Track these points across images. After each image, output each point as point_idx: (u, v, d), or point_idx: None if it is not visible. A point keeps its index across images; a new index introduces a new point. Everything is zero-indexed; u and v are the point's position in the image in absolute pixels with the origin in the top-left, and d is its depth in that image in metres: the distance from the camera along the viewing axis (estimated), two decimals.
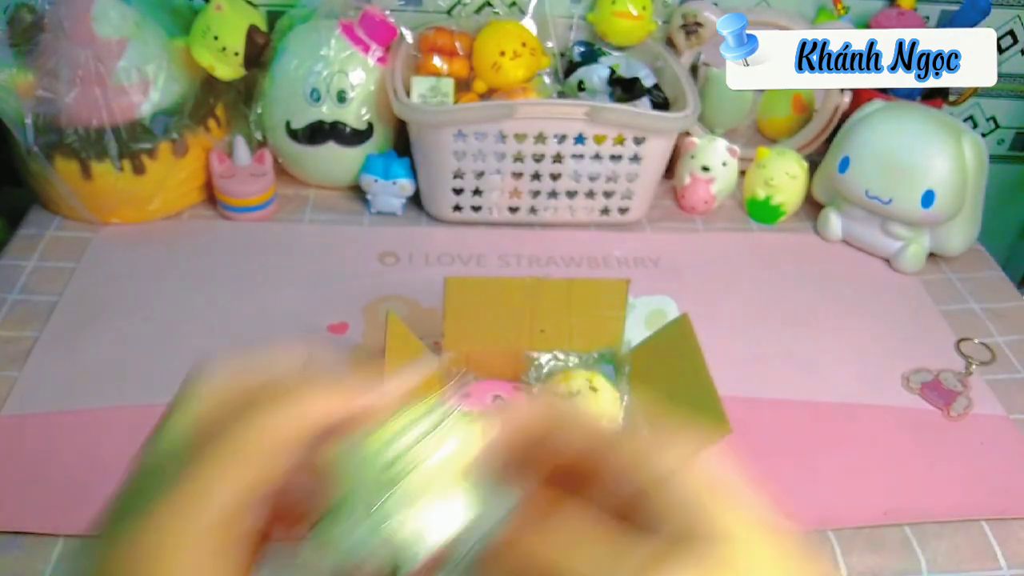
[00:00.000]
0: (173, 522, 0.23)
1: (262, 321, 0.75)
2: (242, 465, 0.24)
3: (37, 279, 0.78)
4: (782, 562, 0.24)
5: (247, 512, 0.24)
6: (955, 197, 0.82)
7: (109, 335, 0.72)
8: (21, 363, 0.69)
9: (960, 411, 0.72)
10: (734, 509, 0.24)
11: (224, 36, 0.82)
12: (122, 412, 0.65)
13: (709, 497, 0.24)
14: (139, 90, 0.80)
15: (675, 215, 0.94)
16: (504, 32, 0.88)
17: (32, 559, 0.55)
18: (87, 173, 0.80)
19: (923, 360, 0.77)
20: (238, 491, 0.23)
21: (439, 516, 0.24)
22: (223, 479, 0.23)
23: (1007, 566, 0.60)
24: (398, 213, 0.90)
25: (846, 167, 0.86)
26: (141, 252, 0.82)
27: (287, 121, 0.87)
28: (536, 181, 0.86)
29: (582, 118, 0.81)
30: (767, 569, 0.23)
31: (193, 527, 0.23)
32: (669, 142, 0.86)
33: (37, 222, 0.85)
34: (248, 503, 0.24)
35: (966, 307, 0.84)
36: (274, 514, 0.25)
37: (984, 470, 0.67)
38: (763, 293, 0.83)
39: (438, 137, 0.82)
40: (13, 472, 0.60)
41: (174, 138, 0.83)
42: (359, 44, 0.86)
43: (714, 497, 0.24)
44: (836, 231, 0.91)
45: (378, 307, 0.77)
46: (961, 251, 0.88)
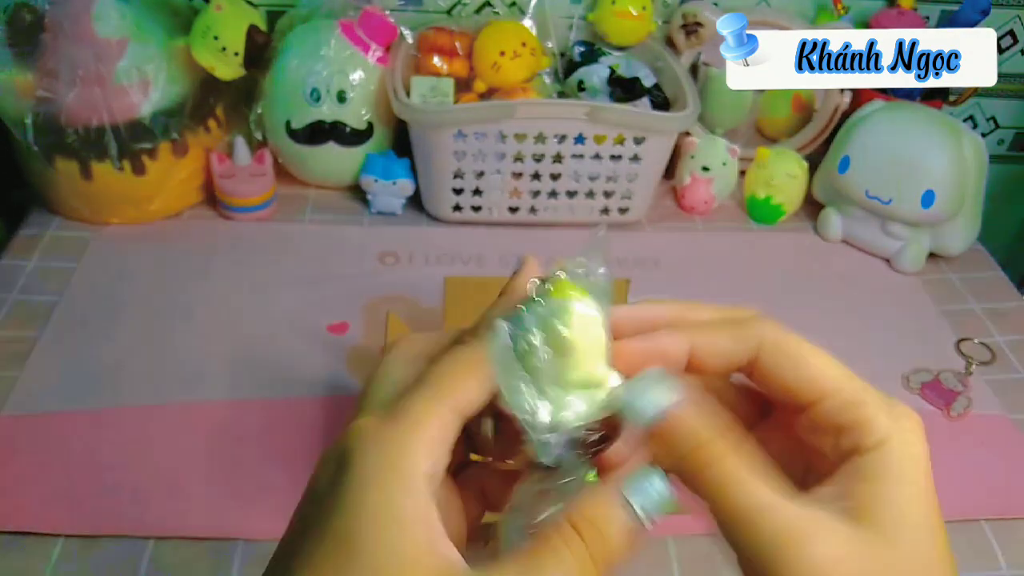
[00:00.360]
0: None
1: (262, 321, 0.75)
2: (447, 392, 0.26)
3: (37, 279, 0.78)
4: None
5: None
6: (955, 197, 0.82)
7: (109, 335, 0.72)
8: (21, 363, 0.69)
9: (960, 411, 0.72)
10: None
11: (224, 36, 0.82)
12: (122, 412, 0.65)
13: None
14: (139, 90, 0.80)
15: (675, 215, 0.94)
16: (504, 32, 0.88)
17: (32, 559, 0.55)
18: (87, 173, 0.80)
19: (923, 360, 0.77)
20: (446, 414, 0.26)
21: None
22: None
23: (1007, 566, 0.60)
24: (398, 213, 0.90)
25: (846, 167, 0.86)
26: (141, 252, 0.82)
27: (287, 121, 0.87)
28: (536, 181, 0.86)
29: (582, 118, 0.81)
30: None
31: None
32: (669, 142, 0.86)
33: (37, 222, 0.85)
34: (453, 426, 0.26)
35: (966, 307, 0.84)
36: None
37: (984, 470, 0.67)
38: (763, 293, 0.83)
39: (438, 137, 0.82)
40: (13, 472, 0.60)
41: (174, 138, 0.83)
42: (359, 44, 0.86)
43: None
44: (836, 231, 0.91)
45: (378, 307, 0.77)
46: (961, 251, 0.88)
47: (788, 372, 0.29)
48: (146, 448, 0.62)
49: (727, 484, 0.26)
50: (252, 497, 0.59)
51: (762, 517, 0.25)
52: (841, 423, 0.28)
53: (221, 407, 0.66)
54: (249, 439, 0.64)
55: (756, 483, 0.26)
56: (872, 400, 0.28)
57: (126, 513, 0.58)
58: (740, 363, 0.29)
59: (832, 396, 0.28)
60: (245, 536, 0.57)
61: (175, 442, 0.63)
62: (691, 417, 0.27)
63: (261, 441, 0.64)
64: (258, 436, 0.64)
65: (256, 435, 0.64)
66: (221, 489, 0.60)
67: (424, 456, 0.25)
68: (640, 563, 0.57)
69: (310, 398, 0.67)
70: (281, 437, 0.64)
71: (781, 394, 0.29)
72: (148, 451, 0.62)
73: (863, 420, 0.27)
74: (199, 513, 0.58)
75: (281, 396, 0.67)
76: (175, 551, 0.56)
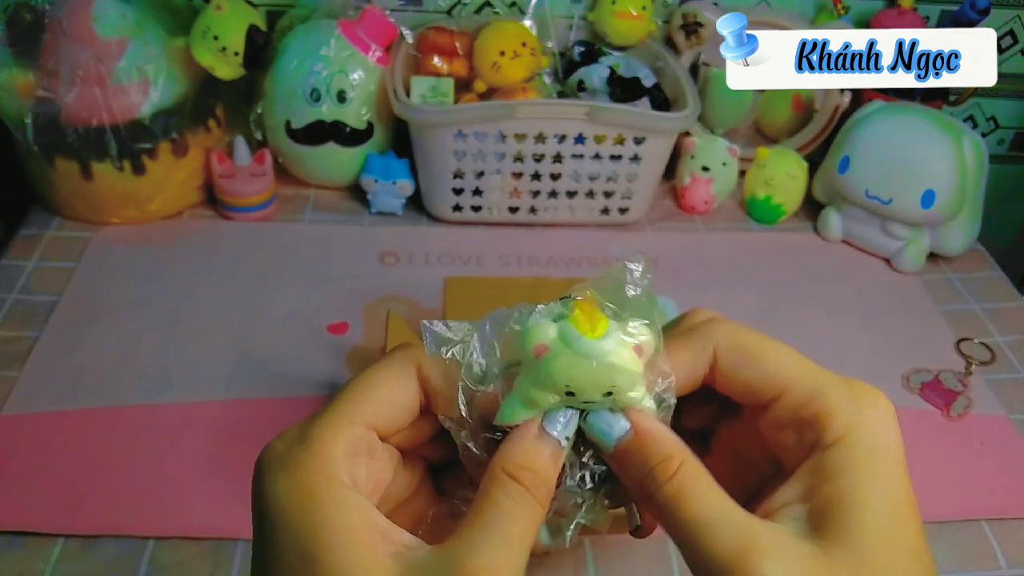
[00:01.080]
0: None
1: (262, 321, 0.75)
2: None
3: (37, 279, 0.78)
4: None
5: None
6: (955, 197, 0.82)
7: (109, 335, 0.72)
8: (21, 363, 0.69)
9: (960, 411, 0.72)
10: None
11: (224, 36, 0.82)
12: (122, 412, 0.65)
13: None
14: (139, 90, 0.80)
15: (675, 215, 0.94)
16: (504, 32, 0.88)
17: (32, 559, 0.55)
18: (87, 173, 0.80)
19: (923, 360, 0.77)
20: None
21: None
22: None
23: (1007, 566, 0.60)
24: (398, 213, 0.90)
25: (846, 167, 0.86)
26: (141, 252, 0.82)
27: (287, 121, 0.87)
28: (536, 181, 0.86)
29: (582, 118, 0.81)
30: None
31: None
32: (669, 142, 0.86)
33: (37, 222, 0.85)
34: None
35: (966, 307, 0.84)
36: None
37: (984, 470, 0.67)
38: (763, 293, 0.83)
39: (438, 137, 0.82)
40: (13, 472, 0.60)
41: (174, 138, 0.83)
42: (359, 44, 0.86)
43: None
44: (836, 231, 0.91)
45: (378, 307, 0.77)
46: (961, 251, 0.88)
47: (748, 371, 0.29)
48: (146, 448, 0.62)
49: (682, 497, 0.25)
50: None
51: (716, 529, 0.24)
52: (802, 418, 0.27)
53: (221, 407, 0.66)
54: (249, 439, 0.64)
55: (711, 495, 0.25)
56: (832, 391, 0.28)
57: (126, 513, 0.58)
58: (702, 375, 0.29)
59: (792, 390, 0.28)
60: (245, 536, 0.57)
61: (175, 442, 0.63)
62: (650, 440, 0.27)
63: (261, 441, 0.63)
64: (258, 436, 0.64)
65: (256, 435, 0.64)
66: (221, 489, 0.60)
67: (340, 467, 0.26)
68: (640, 563, 0.57)
69: (310, 398, 0.67)
70: None
71: (743, 394, 0.29)
72: (148, 451, 0.62)
73: (823, 413, 0.27)
74: (199, 513, 0.58)
75: (281, 396, 0.67)
76: (175, 551, 0.56)
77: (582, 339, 0.26)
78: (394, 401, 0.28)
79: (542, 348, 0.26)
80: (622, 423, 0.27)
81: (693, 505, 0.25)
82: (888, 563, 0.25)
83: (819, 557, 0.24)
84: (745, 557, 0.24)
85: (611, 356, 0.26)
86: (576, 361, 0.26)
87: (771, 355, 0.29)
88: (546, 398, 0.27)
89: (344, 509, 0.25)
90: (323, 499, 0.25)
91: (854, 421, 0.27)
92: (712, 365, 0.29)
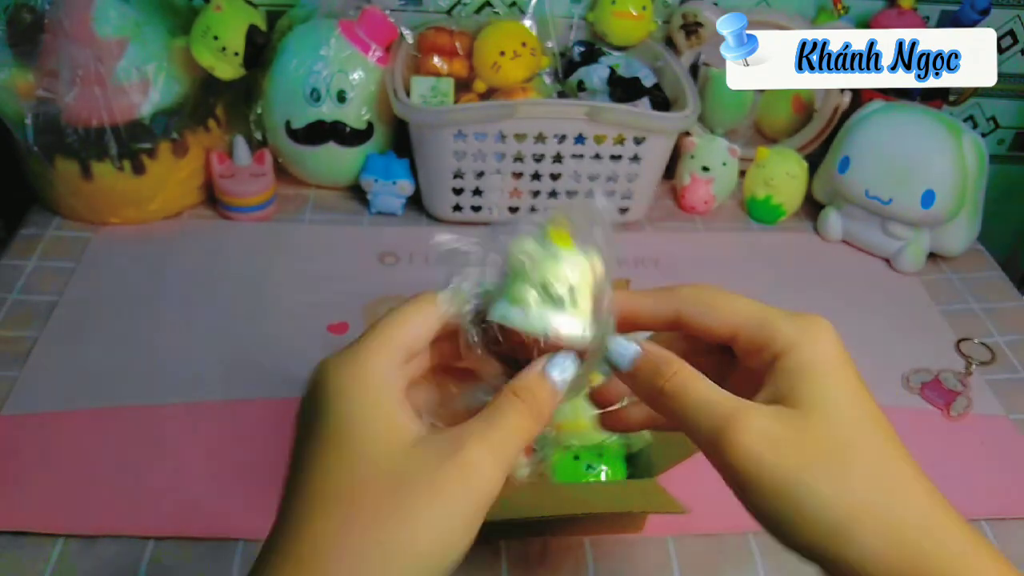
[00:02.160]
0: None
1: (262, 321, 0.75)
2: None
3: (37, 279, 0.78)
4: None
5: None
6: (955, 197, 0.82)
7: (109, 335, 0.72)
8: (21, 363, 0.69)
9: (960, 411, 0.72)
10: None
11: (224, 36, 0.82)
12: (122, 412, 0.65)
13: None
14: (139, 90, 0.80)
15: (675, 215, 0.94)
16: (504, 32, 0.88)
17: (32, 559, 0.55)
18: (87, 173, 0.80)
19: (923, 360, 0.77)
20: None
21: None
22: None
23: None
24: (398, 213, 0.90)
25: (846, 167, 0.86)
26: (141, 252, 0.82)
27: (287, 121, 0.87)
28: (536, 181, 0.86)
29: (582, 118, 0.81)
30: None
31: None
32: (669, 142, 0.86)
33: (37, 222, 0.85)
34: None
35: (966, 307, 0.84)
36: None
37: (984, 470, 0.67)
38: (763, 293, 0.82)
39: (438, 137, 0.82)
40: (13, 472, 0.60)
41: (174, 138, 0.83)
42: (359, 44, 0.86)
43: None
44: (836, 231, 0.91)
45: (378, 307, 0.77)
46: (961, 251, 0.88)
47: (706, 316, 0.36)
48: (146, 448, 0.62)
49: (683, 390, 0.33)
50: (252, 497, 0.58)
51: (708, 408, 0.32)
52: (759, 344, 0.34)
53: (221, 407, 0.66)
54: (249, 439, 0.64)
55: (704, 387, 0.33)
56: (776, 317, 0.35)
57: (126, 513, 0.58)
58: (666, 317, 0.37)
59: (745, 326, 0.35)
60: (245, 536, 0.57)
61: (175, 442, 0.63)
62: (655, 355, 0.35)
63: (261, 441, 0.64)
64: (258, 436, 0.64)
65: (256, 435, 0.64)
66: (221, 489, 0.60)
67: (382, 370, 0.34)
68: (640, 563, 0.57)
69: None
70: (281, 437, 0.64)
71: (707, 336, 0.36)
72: (148, 451, 0.62)
73: (771, 334, 0.34)
74: (199, 513, 0.58)
75: (281, 396, 0.67)
76: (175, 551, 0.56)
77: (553, 245, 0.35)
78: (418, 331, 0.36)
79: (524, 255, 0.35)
80: (634, 347, 0.35)
81: (689, 393, 0.33)
82: (851, 424, 0.31)
83: (784, 417, 0.32)
84: (731, 424, 0.31)
85: (573, 257, 0.35)
86: (548, 261, 0.34)
87: (725, 302, 0.36)
88: (526, 294, 0.34)
89: (385, 391, 0.34)
90: (370, 382, 0.34)
91: (800, 336, 0.34)
92: (678, 315, 0.36)
